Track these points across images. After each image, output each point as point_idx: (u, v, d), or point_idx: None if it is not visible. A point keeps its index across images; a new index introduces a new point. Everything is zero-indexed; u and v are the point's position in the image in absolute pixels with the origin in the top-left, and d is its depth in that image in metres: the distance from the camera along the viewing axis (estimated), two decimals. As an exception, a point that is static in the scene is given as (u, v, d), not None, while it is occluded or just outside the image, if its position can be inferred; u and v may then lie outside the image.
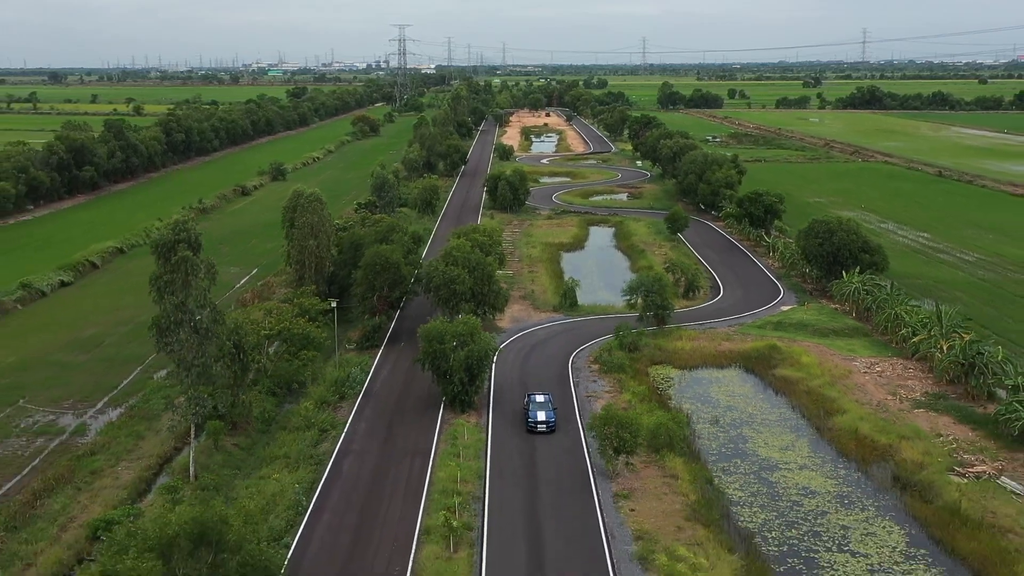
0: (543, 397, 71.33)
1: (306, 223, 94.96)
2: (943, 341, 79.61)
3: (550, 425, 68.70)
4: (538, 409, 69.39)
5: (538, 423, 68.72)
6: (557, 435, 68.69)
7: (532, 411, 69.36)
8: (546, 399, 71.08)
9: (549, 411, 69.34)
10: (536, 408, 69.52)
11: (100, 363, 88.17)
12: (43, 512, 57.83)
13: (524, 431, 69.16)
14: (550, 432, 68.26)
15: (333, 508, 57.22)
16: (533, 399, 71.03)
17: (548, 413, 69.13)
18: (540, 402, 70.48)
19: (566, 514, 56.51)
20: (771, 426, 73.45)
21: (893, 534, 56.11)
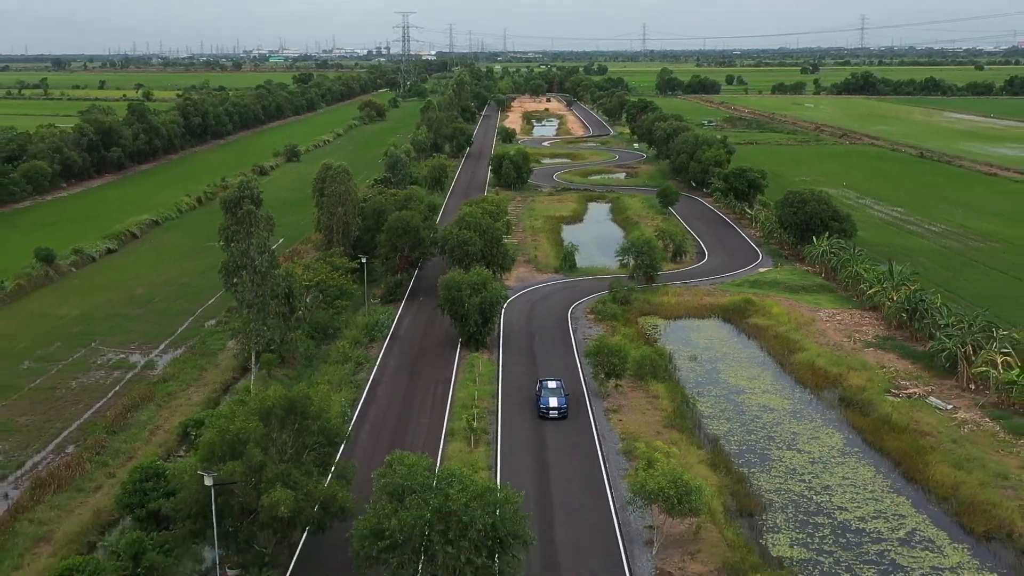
0: (555, 383, 70.52)
1: (334, 192, 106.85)
2: (893, 292, 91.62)
3: (562, 411, 68.26)
4: (550, 395, 68.93)
5: (550, 409, 68.25)
6: (556, 361, 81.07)
7: (544, 397, 68.80)
8: (558, 385, 70.32)
9: (561, 397, 68.92)
10: (548, 394, 69.02)
11: (155, 315, 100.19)
12: (133, 421, 70.00)
13: (530, 365, 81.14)
14: (562, 419, 68.19)
15: (372, 419, 69.33)
16: (545, 385, 70.25)
17: (560, 399, 68.68)
18: (552, 388, 69.81)
19: (566, 423, 68.54)
20: (741, 362, 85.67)
21: (834, 438, 68.35)
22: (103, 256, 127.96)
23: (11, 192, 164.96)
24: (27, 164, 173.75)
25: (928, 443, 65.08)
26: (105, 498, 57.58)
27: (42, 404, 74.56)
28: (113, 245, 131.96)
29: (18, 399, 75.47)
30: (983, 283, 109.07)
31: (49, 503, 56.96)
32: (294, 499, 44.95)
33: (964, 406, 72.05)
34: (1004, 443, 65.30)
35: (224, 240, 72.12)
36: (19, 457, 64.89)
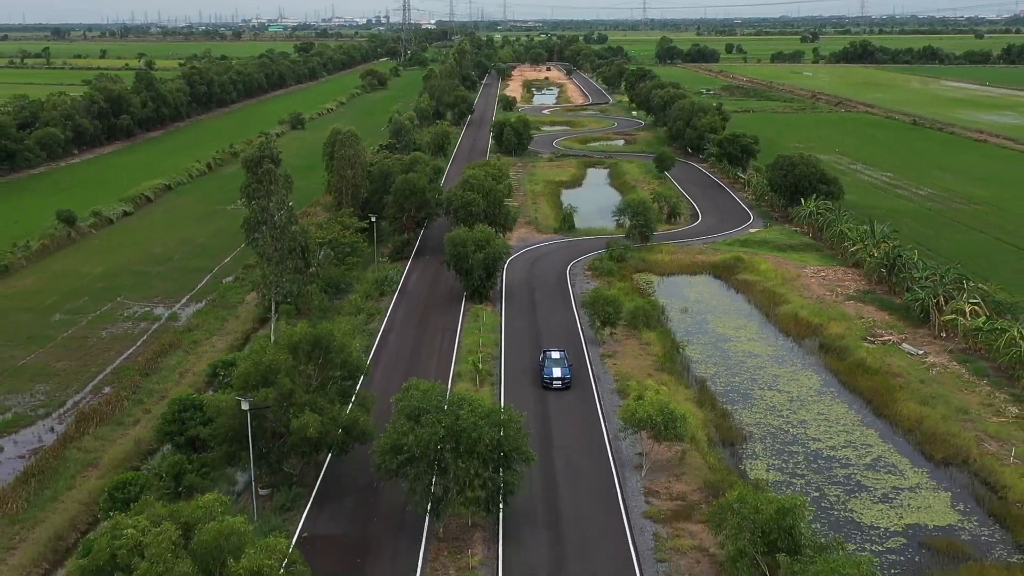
0: (558, 353, 70.72)
1: (344, 156, 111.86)
2: (874, 249, 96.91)
3: (565, 381, 68.40)
4: (553, 366, 69.09)
5: (553, 379, 68.39)
6: (555, 312, 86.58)
7: (547, 367, 69.01)
8: (561, 355, 70.45)
9: (564, 368, 69.11)
10: (552, 364, 69.20)
11: (175, 272, 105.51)
12: (163, 366, 75.54)
13: (531, 316, 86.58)
14: (565, 389, 68.49)
15: (385, 363, 74.81)
16: (548, 355, 70.45)
17: (564, 370, 68.87)
18: (556, 359, 69.94)
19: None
20: (729, 314, 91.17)
21: (811, 380, 73.97)
22: (120, 219, 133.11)
23: (26, 158, 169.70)
24: (40, 131, 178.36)
25: (897, 383, 70.61)
26: (144, 430, 63.23)
27: (76, 352, 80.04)
28: (129, 208, 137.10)
29: (53, 347, 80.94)
30: (963, 242, 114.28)
31: (93, 435, 62.55)
32: (320, 423, 50.48)
33: (934, 351, 77.56)
34: (968, 383, 70.85)
35: (246, 197, 77.32)
36: (60, 397, 70.44)
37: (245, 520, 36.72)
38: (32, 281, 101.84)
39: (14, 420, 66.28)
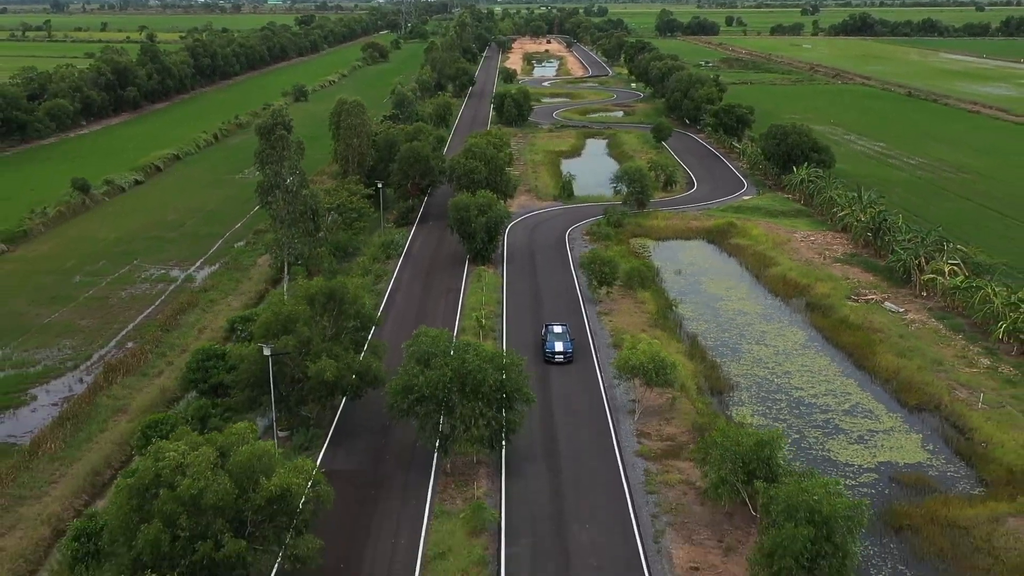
0: (560, 328, 70.98)
1: (350, 125, 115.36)
2: (861, 214, 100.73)
3: (567, 356, 68.65)
4: (555, 340, 69.37)
5: (555, 354, 68.59)
6: (555, 274, 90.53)
7: (549, 342, 69.21)
8: (563, 330, 70.72)
9: (567, 342, 69.31)
10: (554, 339, 69.46)
11: (187, 238, 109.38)
12: (182, 323, 79.60)
13: (531, 277, 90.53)
14: (567, 363, 68.82)
15: (393, 319, 78.78)
16: (550, 329, 70.72)
17: (565, 344, 69.10)
18: (558, 332, 70.21)
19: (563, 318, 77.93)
20: (721, 276, 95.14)
21: (797, 335, 78.04)
22: (131, 187, 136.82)
23: (36, 129, 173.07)
24: (49, 103, 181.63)
25: (878, 338, 74.68)
26: (168, 380, 67.39)
27: (98, 310, 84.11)
28: (140, 177, 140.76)
29: (75, 306, 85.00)
30: (950, 210, 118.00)
31: (120, 384, 66.70)
32: (336, 368, 54.57)
33: (914, 309, 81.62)
34: (944, 338, 74.93)
35: (260, 163, 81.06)
36: (86, 351, 74.56)
37: (275, 445, 40.86)
38: (51, 246, 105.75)
39: (44, 372, 70.44)
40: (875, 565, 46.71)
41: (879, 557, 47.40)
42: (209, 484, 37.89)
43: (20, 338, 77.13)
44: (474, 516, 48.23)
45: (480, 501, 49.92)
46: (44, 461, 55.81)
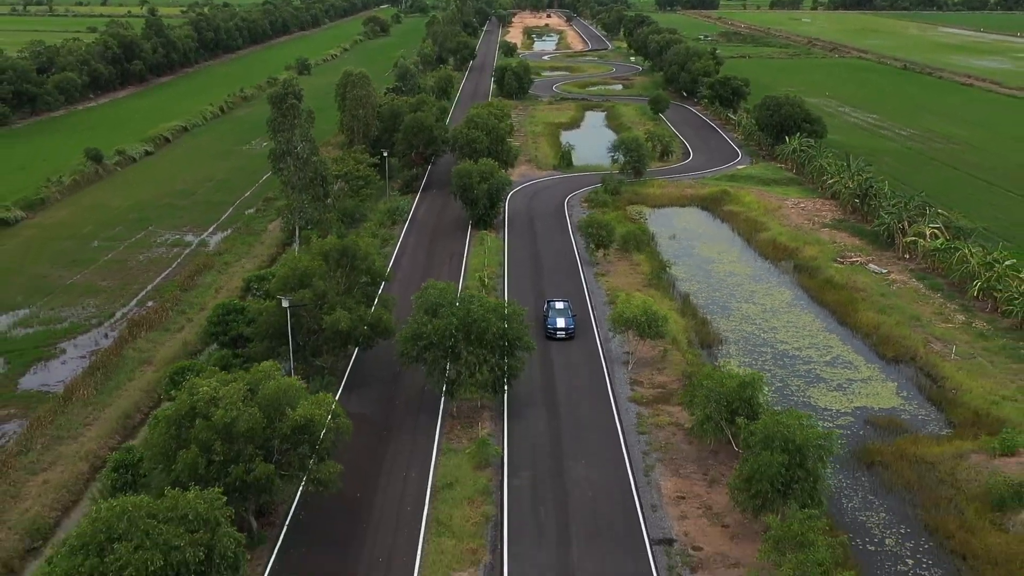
0: (562, 304, 70.83)
1: (356, 96, 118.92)
2: (849, 181, 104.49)
3: (569, 332, 68.50)
4: (557, 316, 69.15)
5: (557, 330, 68.38)
6: (554, 238, 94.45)
7: (551, 318, 69.04)
8: (565, 306, 70.51)
9: (568, 318, 69.18)
10: (555, 315, 69.29)
11: (199, 205, 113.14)
12: (200, 283, 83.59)
13: (531, 241, 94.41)
14: (569, 339, 68.74)
15: (400, 279, 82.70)
16: (552, 305, 70.55)
17: (567, 320, 68.97)
18: (559, 309, 70.05)
19: (563, 286, 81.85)
20: (714, 240, 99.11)
21: (784, 294, 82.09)
22: (142, 157, 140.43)
23: (46, 102, 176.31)
24: (58, 76, 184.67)
25: (860, 296, 78.74)
26: (189, 334, 71.46)
27: (117, 272, 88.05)
28: (150, 148, 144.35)
29: (96, 269, 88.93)
30: (938, 178, 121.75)
31: (145, 338, 70.74)
32: (350, 319, 58.60)
33: (896, 270, 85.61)
34: (923, 296, 78.96)
35: (272, 130, 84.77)
36: (108, 309, 78.57)
37: (299, 380, 44.97)
38: (67, 213, 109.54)
39: (71, 328, 74.50)
40: (847, 496, 50.94)
41: (851, 489, 51.62)
42: (240, 414, 41.94)
43: (45, 298, 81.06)
44: (479, 451, 52.38)
45: (485, 438, 54.10)
46: (78, 406, 59.93)
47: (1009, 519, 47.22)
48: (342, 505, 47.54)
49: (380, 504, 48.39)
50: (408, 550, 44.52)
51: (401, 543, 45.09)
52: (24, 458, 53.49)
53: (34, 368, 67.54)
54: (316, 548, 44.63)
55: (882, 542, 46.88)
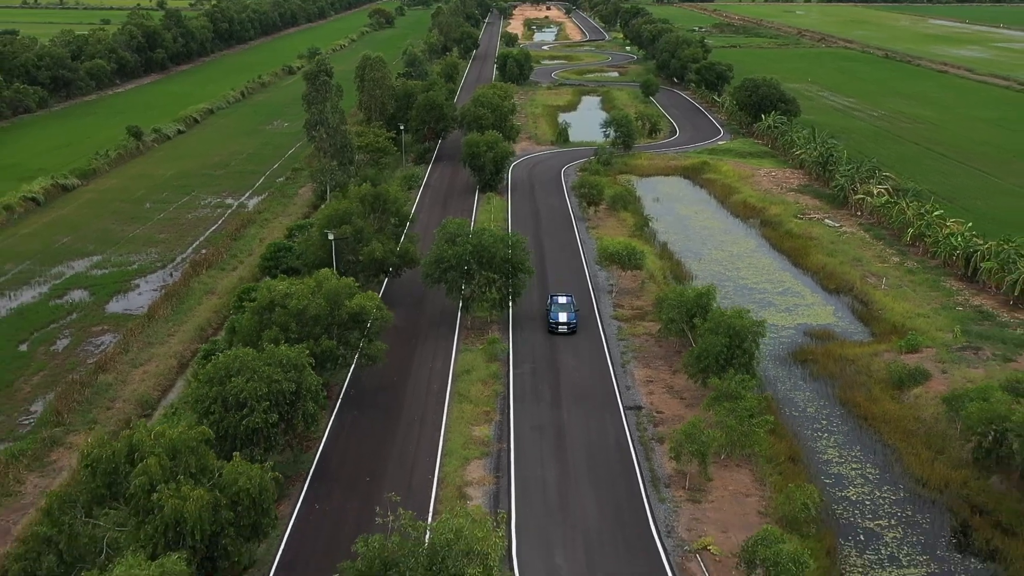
0: (565, 298, 71.39)
1: (373, 78, 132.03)
2: (814, 151, 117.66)
3: (571, 327, 69.10)
4: (560, 311, 69.81)
5: (559, 324, 68.96)
6: (551, 200, 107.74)
7: (554, 312, 69.75)
8: (568, 300, 71.08)
9: (571, 313, 69.74)
10: (558, 310, 69.94)
11: (234, 174, 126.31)
12: (245, 234, 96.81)
13: (532, 203, 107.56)
14: (571, 334, 69.20)
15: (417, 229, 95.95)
16: (555, 300, 71.11)
17: (570, 315, 69.52)
18: (562, 303, 70.61)
19: (558, 236, 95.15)
20: (692, 202, 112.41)
21: (750, 243, 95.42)
22: (175, 135, 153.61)
23: (79, 87, 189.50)
24: (89, 63, 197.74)
25: (813, 244, 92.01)
26: (244, 271, 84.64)
27: (171, 228, 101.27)
28: (182, 127, 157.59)
29: (152, 225, 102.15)
30: (897, 151, 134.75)
31: (206, 275, 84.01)
32: (383, 249, 71.89)
33: (848, 224, 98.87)
34: (867, 243, 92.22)
35: (306, 103, 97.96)
36: (169, 255, 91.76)
37: (354, 280, 58.34)
38: (117, 181, 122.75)
39: (140, 269, 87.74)
40: (783, 382, 64.32)
41: (786, 378, 65.03)
42: (310, 303, 55.26)
43: (113, 247, 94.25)
44: (490, 348, 65.74)
45: (494, 337, 67.49)
46: (160, 322, 73.26)
47: (904, 394, 60.60)
48: (382, 387, 60.88)
49: (413, 384, 61.72)
50: (436, 413, 57.80)
51: (431, 408, 58.38)
52: (124, 356, 66.82)
53: (115, 298, 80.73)
54: (365, 413, 57.90)
55: (805, 410, 60.31)
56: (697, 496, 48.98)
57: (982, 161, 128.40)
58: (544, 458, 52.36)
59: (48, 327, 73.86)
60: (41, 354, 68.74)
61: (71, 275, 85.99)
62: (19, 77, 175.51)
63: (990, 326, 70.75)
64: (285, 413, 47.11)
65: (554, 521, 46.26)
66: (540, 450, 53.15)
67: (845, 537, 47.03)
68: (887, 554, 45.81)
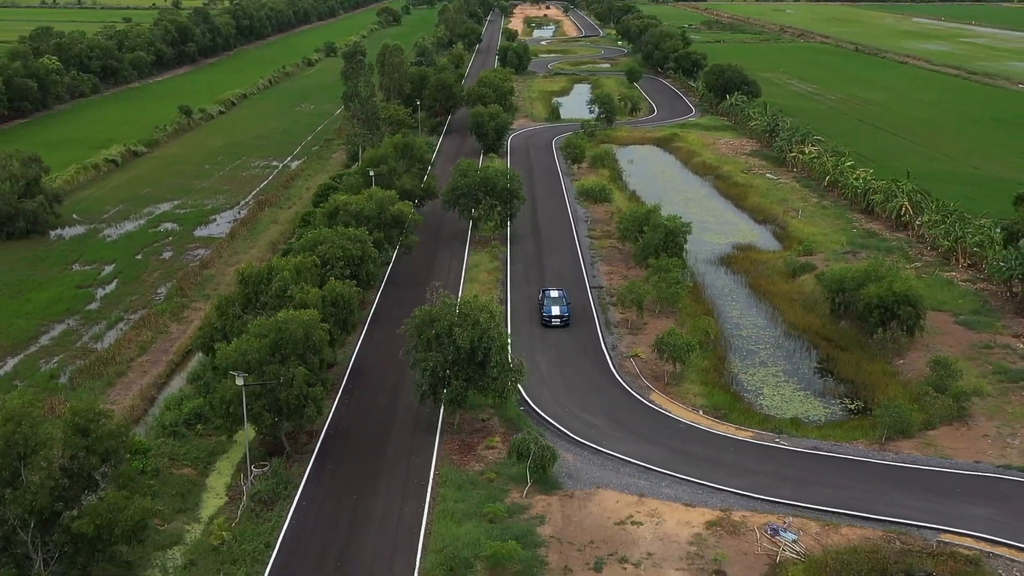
0: (557, 292, 73.30)
1: (391, 62, 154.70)
2: (764, 121, 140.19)
3: (564, 319, 70.59)
4: (552, 304, 71.45)
5: (552, 317, 70.46)
6: (544, 159, 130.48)
7: (547, 306, 71.22)
8: (560, 295, 72.86)
9: (563, 306, 71.37)
10: (551, 303, 71.58)
11: (274, 144, 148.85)
12: (293, 186, 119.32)
13: (528, 163, 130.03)
14: (564, 327, 70.74)
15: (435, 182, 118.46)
16: (548, 294, 73.04)
17: (562, 308, 71.12)
18: (554, 297, 72.41)
19: (548, 183, 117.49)
20: (661, 164, 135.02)
21: (703, 191, 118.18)
22: (217, 115, 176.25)
23: (124, 76, 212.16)
24: (131, 54, 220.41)
25: (752, 190, 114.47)
26: (298, 208, 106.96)
27: (230, 182, 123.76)
28: (223, 108, 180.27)
29: (214, 180, 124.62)
30: (843, 127, 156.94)
31: (267, 212, 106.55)
32: (412, 182, 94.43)
33: (784, 177, 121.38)
34: (796, 190, 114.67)
35: (344, 77, 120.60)
36: (233, 200, 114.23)
37: (395, 192, 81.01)
38: (177, 149, 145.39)
39: (213, 209, 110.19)
40: (709, 275, 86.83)
41: (713, 272, 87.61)
42: (365, 205, 77.85)
43: (187, 195, 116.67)
44: (492, 252, 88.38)
45: (496, 244, 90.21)
46: (239, 240, 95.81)
47: (795, 279, 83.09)
48: (413, 275, 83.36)
49: (436, 274, 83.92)
50: (455, 285, 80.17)
51: (451, 284, 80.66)
52: (219, 260, 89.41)
53: (199, 228, 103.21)
54: (402, 289, 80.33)
55: (722, 290, 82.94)
56: (635, 331, 71.51)
57: (911, 133, 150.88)
58: (531, 316, 74.73)
59: (153, 245, 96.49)
60: (154, 261, 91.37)
61: (159, 213, 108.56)
62: (75, 66, 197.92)
63: (872, 240, 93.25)
64: (355, 271, 69.48)
65: (536, 346, 68.66)
66: (528, 312, 75.50)
67: (734, 353, 69.62)
68: (759, 360, 68.44)
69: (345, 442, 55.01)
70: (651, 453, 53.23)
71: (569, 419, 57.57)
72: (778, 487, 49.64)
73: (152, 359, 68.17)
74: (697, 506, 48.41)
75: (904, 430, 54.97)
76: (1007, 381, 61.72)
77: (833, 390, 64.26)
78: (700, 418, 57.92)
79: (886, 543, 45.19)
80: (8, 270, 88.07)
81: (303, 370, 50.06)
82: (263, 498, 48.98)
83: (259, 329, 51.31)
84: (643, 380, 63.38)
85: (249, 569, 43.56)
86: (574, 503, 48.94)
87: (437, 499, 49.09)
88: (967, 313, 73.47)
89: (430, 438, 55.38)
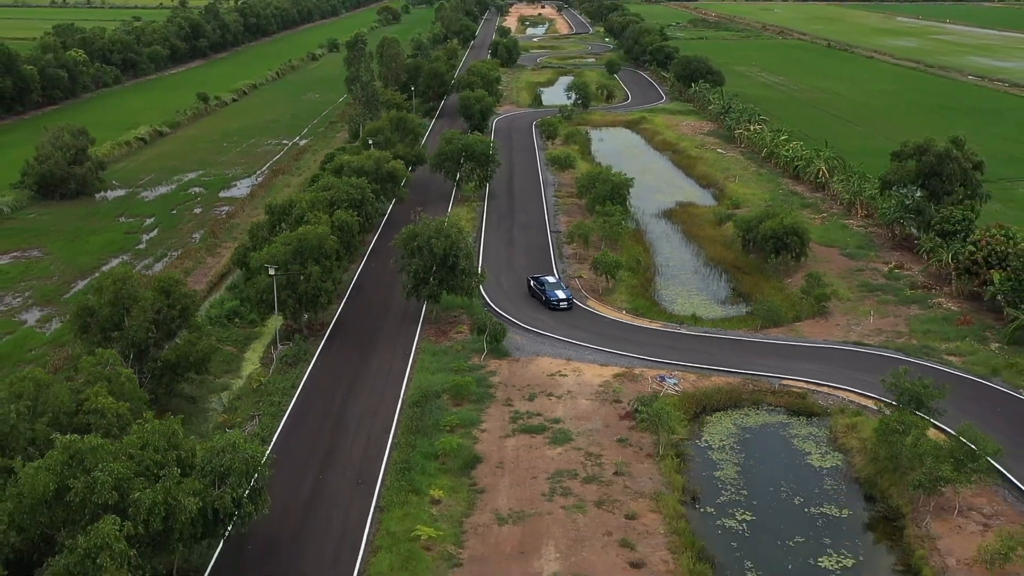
0: (553, 279, 79.22)
1: (389, 53, 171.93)
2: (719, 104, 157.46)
3: (569, 301, 75.32)
4: (554, 288, 76.39)
5: (559, 301, 74.92)
6: (524, 138, 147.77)
7: (550, 291, 75.88)
8: (557, 280, 79.50)
9: (565, 289, 76.94)
10: (552, 288, 76.40)
11: (284, 126, 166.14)
12: (302, 158, 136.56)
13: (510, 142, 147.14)
14: (568, 309, 75.17)
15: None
16: (546, 281, 77.81)
17: (566, 291, 76.47)
18: (554, 283, 77.66)
19: (525, 155, 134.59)
20: (629, 144, 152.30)
21: (661, 162, 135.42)
22: (231, 102, 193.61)
23: (142, 69, 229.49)
24: (148, 48, 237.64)
25: (701, 161, 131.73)
26: (308, 174, 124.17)
27: (246, 157, 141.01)
28: (236, 96, 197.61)
29: (232, 155, 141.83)
30: (799, 113, 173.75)
31: (282, 177, 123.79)
32: (404, 151, 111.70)
33: (732, 152, 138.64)
34: (739, 162, 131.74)
35: (347, 64, 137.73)
36: (251, 169, 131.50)
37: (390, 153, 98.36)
38: (196, 131, 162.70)
39: (233, 177, 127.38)
40: (651, 226, 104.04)
41: (655, 223, 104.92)
42: (365, 162, 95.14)
43: (210, 167, 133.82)
44: (472, 206, 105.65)
45: (474, 202, 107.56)
46: (258, 199, 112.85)
47: (721, 226, 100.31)
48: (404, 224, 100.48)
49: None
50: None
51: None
52: (242, 212, 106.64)
53: (223, 191, 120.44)
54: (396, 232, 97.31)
55: (660, 235, 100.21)
56: (581, 261, 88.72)
57: (858, 118, 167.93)
58: (501, 247, 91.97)
59: (184, 203, 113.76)
60: (187, 215, 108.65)
61: (187, 180, 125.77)
62: (98, 59, 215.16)
63: (793, 198, 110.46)
64: (357, 209, 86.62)
65: (501, 269, 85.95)
66: (499, 248, 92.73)
67: (660, 276, 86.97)
68: (679, 282, 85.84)
69: (349, 328, 72.42)
70: (581, 335, 70.46)
71: (522, 315, 74.77)
72: (672, 355, 66.86)
73: (194, 280, 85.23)
74: (609, 365, 65.63)
75: (776, 321, 72.20)
76: (866, 291, 79.02)
77: (732, 300, 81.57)
78: (623, 316, 75.14)
79: (742, 386, 62.50)
80: (66, 221, 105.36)
81: (318, 268, 67.30)
82: (288, 360, 66.26)
83: (284, 239, 68.58)
84: (584, 293, 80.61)
85: (280, 399, 60.84)
86: (519, 364, 66.19)
87: (418, 361, 66.41)
88: (852, 248, 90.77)
89: (414, 326, 72.73)
